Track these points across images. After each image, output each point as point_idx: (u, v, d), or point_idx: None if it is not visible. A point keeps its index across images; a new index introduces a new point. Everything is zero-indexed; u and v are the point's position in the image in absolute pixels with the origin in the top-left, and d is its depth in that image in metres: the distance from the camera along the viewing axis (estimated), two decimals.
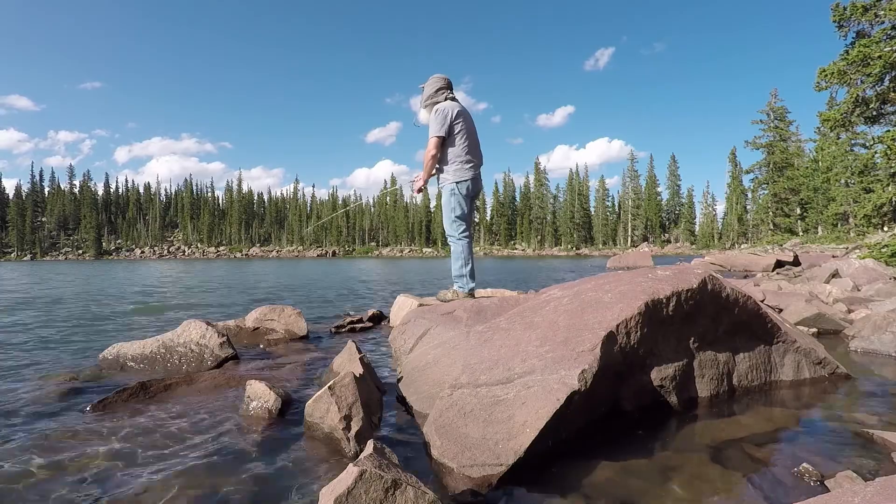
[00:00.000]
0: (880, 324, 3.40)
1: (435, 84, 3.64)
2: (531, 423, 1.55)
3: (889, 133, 10.09)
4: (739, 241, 55.69)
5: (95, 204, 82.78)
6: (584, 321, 1.97)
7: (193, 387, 2.52)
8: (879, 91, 10.84)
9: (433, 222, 77.58)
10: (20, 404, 2.30)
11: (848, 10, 10.91)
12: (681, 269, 2.35)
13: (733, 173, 58.56)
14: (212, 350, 3.05)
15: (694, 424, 1.93)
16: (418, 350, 2.60)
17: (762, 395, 2.24)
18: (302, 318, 4.07)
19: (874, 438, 1.70)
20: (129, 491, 1.47)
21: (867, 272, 6.18)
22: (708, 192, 70.41)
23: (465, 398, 1.78)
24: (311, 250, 79.68)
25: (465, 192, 3.62)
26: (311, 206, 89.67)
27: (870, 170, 16.59)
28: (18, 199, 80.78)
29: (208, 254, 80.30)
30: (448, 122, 3.48)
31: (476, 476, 1.49)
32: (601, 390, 1.78)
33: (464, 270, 3.65)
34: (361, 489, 1.12)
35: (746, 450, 1.68)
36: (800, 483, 1.44)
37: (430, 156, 3.53)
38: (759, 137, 45.32)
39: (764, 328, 2.34)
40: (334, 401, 1.78)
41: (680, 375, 2.06)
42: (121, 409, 2.20)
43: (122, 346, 3.11)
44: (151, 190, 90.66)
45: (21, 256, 76.12)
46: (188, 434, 1.90)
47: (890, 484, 0.98)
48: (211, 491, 1.47)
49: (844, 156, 30.29)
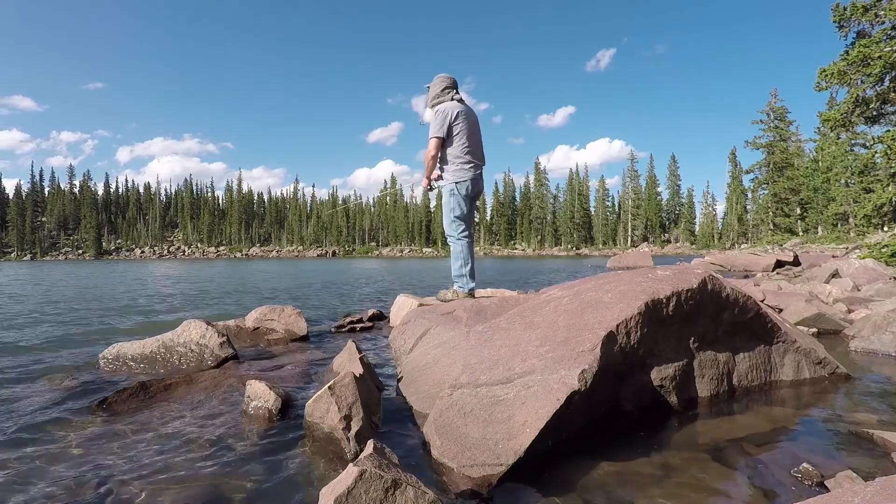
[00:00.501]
0: (880, 324, 3.40)
1: (440, 84, 3.65)
2: (531, 423, 1.55)
3: (889, 133, 10.09)
4: (739, 241, 55.69)
5: (95, 204, 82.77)
6: (584, 321, 1.97)
7: (193, 387, 2.52)
8: (879, 91, 10.85)
9: (433, 222, 77.57)
10: (20, 404, 2.30)
11: (848, 10, 10.91)
12: (681, 269, 2.35)
13: (733, 173, 58.58)
14: (212, 350, 3.05)
15: (694, 424, 1.93)
16: (418, 350, 2.60)
17: (762, 395, 2.24)
18: (302, 318, 4.07)
19: (874, 438, 1.70)
20: (128, 491, 1.47)
21: (867, 272, 6.18)
22: (708, 192, 70.53)
23: (465, 398, 1.78)
24: (311, 250, 79.71)
25: (465, 193, 3.62)
26: (311, 205, 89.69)
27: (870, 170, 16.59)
28: (18, 199, 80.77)
29: (208, 254, 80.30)
30: (447, 123, 3.50)
31: (476, 476, 1.49)
32: (601, 390, 1.78)
33: (463, 270, 3.66)
34: (361, 489, 1.12)
35: (746, 450, 1.68)
36: (800, 483, 1.44)
37: (430, 156, 3.57)
38: (759, 137, 45.34)
39: (764, 328, 2.35)
40: (334, 401, 1.78)
41: (680, 375, 2.06)
42: (121, 409, 2.20)
43: (122, 346, 3.10)
44: (151, 190, 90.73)
45: (21, 256, 76.12)
46: (188, 434, 1.90)
47: (890, 484, 0.98)
48: (211, 491, 1.47)
49: (844, 156, 30.30)
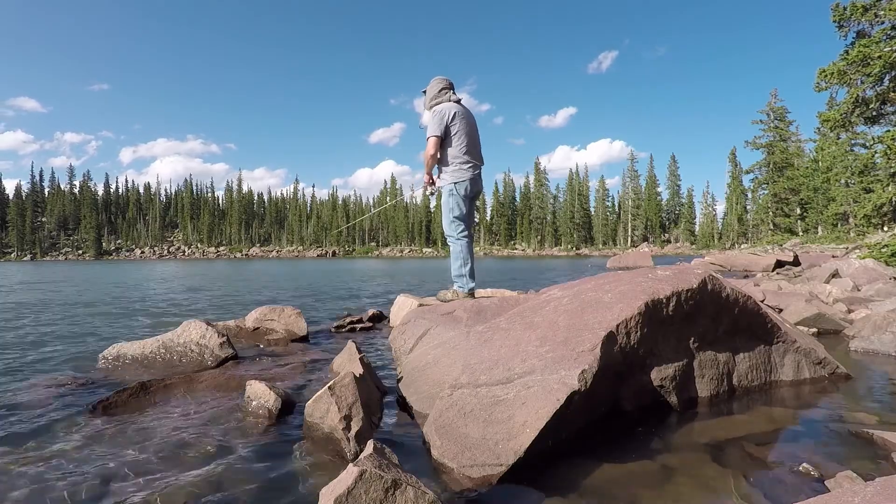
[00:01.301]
0: (880, 324, 3.40)
1: (437, 86, 3.68)
2: (531, 424, 1.55)
3: (889, 133, 10.10)
4: (739, 241, 55.69)
5: (95, 204, 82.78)
6: (584, 321, 1.97)
7: (193, 387, 2.52)
8: (879, 91, 10.85)
9: (433, 222, 77.55)
10: (20, 404, 2.30)
11: (848, 10, 10.91)
12: (681, 269, 2.35)
13: (733, 173, 58.60)
14: (212, 350, 3.05)
15: (694, 424, 1.93)
16: (418, 350, 2.60)
17: (762, 395, 2.24)
18: (302, 318, 4.07)
19: (874, 438, 1.70)
20: (128, 491, 1.47)
21: (867, 272, 6.18)
22: (708, 192, 70.56)
23: (465, 398, 1.78)
24: (310, 250, 79.71)
25: (464, 193, 3.63)
26: (311, 206, 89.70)
27: (870, 170, 16.60)
28: (18, 200, 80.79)
29: (208, 254, 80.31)
30: (445, 123, 3.51)
31: (476, 476, 1.49)
32: (601, 390, 1.78)
33: (463, 270, 3.66)
34: (361, 489, 1.12)
35: (746, 449, 1.68)
36: (800, 483, 1.44)
37: (430, 155, 3.59)
38: (759, 137, 45.38)
39: (764, 328, 2.35)
40: (334, 401, 1.78)
41: (680, 375, 2.06)
42: (121, 409, 2.20)
43: (122, 346, 3.11)
44: (151, 190, 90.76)
45: (21, 257, 76.13)
46: (188, 434, 1.90)
47: (890, 484, 0.98)
48: (211, 491, 1.46)
49: (844, 156, 30.30)
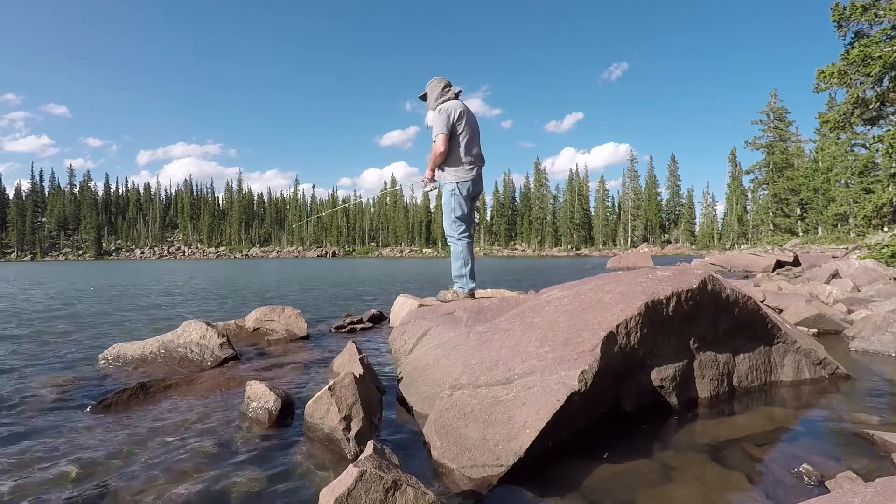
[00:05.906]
0: (880, 324, 3.40)
1: (438, 85, 3.68)
2: (531, 424, 1.55)
3: (889, 133, 10.09)
4: (739, 241, 55.67)
5: (95, 204, 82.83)
6: (585, 322, 1.97)
7: (193, 387, 2.52)
8: (879, 91, 10.84)
9: (433, 223, 77.57)
10: (20, 405, 2.30)
11: (847, 9, 10.89)
12: (681, 270, 2.35)
13: (733, 174, 58.56)
14: (212, 350, 3.05)
15: (694, 425, 1.93)
16: (418, 350, 2.60)
17: (762, 396, 2.24)
18: (302, 319, 4.07)
19: (874, 438, 1.70)
20: (128, 491, 1.47)
21: (867, 272, 6.18)
22: (708, 193, 70.54)
23: (465, 399, 1.78)
24: (310, 251, 79.75)
25: (466, 193, 3.62)
26: (311, 206, 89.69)
27: (870, 170, 16.63)
28: (18, 200, 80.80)
29: (208, 254, 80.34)
30: (451, 121, 3.51)
31: (476, 477, 1.49)
32: (601, 391, 1.78)
33: (464, 271, 3.66)
34: (361, 490, 1.12)
35: (747, 450, 1.68)
36: (800, 483, 1.44)
37: (439, 152, 3.52)
38: (759, 138, 45.36)
39: (764, 328, 2.35)
40: (334, 401, 1.78)
41: (680, 376, 2.06)
42: (121, 410, 2.20)
43: (122, 347, 3.11)
44: (151, 190, 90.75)
45: (21, 257, 76.16)
46: (187, 434, 1.90)
47: (890, 484, 0.98)
48: (211, 491, 1.47)
49: (844, 156, 30.33)
